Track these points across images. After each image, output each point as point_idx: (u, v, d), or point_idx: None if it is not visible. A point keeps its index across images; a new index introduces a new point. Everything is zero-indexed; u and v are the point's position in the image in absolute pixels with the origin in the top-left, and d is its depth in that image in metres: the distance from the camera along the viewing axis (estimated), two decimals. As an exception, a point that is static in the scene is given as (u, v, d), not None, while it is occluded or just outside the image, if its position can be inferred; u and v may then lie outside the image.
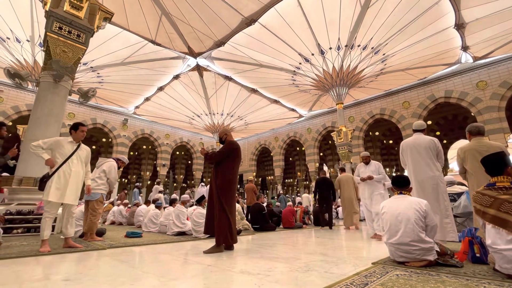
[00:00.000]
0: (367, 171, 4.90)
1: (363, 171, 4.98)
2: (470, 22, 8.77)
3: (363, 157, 5.07)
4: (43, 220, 3.11)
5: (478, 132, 3.21)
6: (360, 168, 5.06)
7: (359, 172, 5.05)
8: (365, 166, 5.01)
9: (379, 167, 4.87)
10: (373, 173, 4.80)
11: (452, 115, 14.79)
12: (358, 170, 5.07)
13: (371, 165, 4.96)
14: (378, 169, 4.86)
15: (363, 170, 4.99)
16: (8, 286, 1.67)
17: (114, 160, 4.61)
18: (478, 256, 2.33)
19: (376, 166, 4.89)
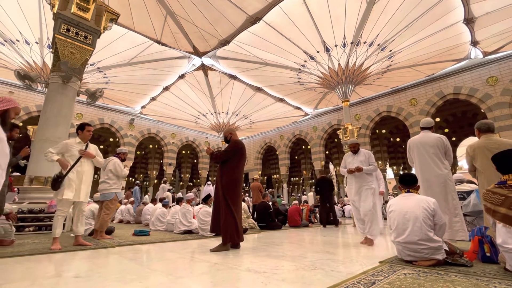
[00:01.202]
0: (355, 161, 4.01)
1: (350, 161, 4.09)
2: (480, 17, 8.56)
3: (351, 145, 4.14)
4: (55, 218, 3.20)
5: (487, 129, 3.14)
6: (347, 158, 4.17)
7: (345, 162, 4.17)
8: (352, 156, 4.11)
9: (369, 156, 4.01)
10: (362, 164, 3.91)
11: (461, 112, 14.50)
12: (345, 160, 4.17)
13: (360, 154, 4.06)
14: (368, 158, 3.98)
15: (350, 160, 4.10)
16: (22, 282, 1.72)
17: (115, 157, 4.66)
18: (488, 256, 2.29)
19: (366, 155, 4.02)
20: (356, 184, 3.91)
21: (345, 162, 4.17)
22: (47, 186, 5.33)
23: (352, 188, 3.96)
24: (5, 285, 1.66)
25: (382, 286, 1.61)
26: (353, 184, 3.94)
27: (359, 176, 3.90)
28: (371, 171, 3.88)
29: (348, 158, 4.17)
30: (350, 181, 4.02)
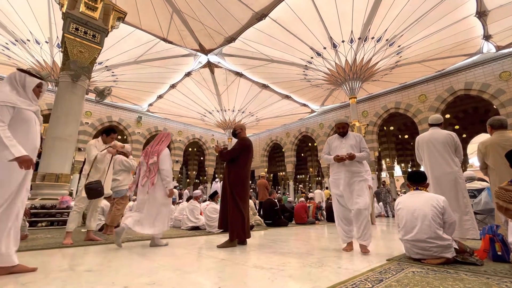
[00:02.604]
0: (343, 146, 3.14)
1: (337, 146, 3.21)
2: (493, 10, 8.29)
3: (339, 125, 3.25)
4: (71, 213, 3.30)
5: (500, 125, 3.06)
6: (333, 141, 3.29)
7: (330, 147, 3.29)
8: (339, 139, 3.24)
9: (360, 140, 3.18)
10: (352, 149, 3.07)
11: (472, 108, 14.15)
12: (329, 144, 3.31)
13: (349, 137, 3.19)
14: (359, 143, 3.14)
15: (337, 144, 3.22)
16: (36, 275, 1.78)
17: (119, 154, 4.73)
18: (499, 254, 2.25)
19: (356, 138, 3.18)
20: (346, 175, 3.00)
21: (330, 147, 3.28)
22: (59, 182, 5.47)
23: (340, 179, 3.04)
24: (21, 277, 1.72)
25: (390, 284, 1.60)
26: (342, 174, 3.03)
27: (349, 165, 3.02)
28: (364, 158, 3.04)
29: (334, 141, 3.27)
30: (337, 171, 3.10)
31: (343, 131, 3.24)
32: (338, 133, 3.27)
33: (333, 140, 3.30)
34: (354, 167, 3.02)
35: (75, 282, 1.65)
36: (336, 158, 3.03)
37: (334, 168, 3.16)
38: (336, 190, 3.10)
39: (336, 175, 3.11)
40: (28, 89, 1.99)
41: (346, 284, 1.59)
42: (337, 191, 3.08)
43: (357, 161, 3.06)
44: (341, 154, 3.04)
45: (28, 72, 2.03)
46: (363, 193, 2.90)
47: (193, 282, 1.67)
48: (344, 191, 2.98)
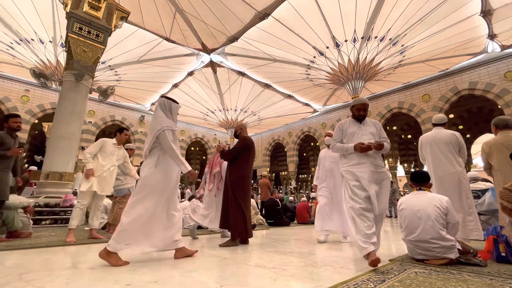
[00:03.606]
0: (363, 132, 2.54)
1: (354, 132, 2.57)
2: (498, 9, 8.21)
3: (359, 106, 2.60)
4: (74, 209, 3.34)
5: (505, 125, 3.03)
6: (348, 127, 2.63)
7: (344, 134, 2.63)
8: (357, 124, 2.61)
9: (380, 128, 2.64)
10: (374, 138, 2.52)
11: (476, 108, 14.02)
12: (343, 131, 2.65)
13: (367, 124, 2.61)
14: (379, 131, 2.61)
15: (354, 130, 2.58)
16: (41, 272, 1.80)
17: None
18: (503, 255, 2.23)
19: (376, 126, 2.62)
20: (371, 169, 2.38)
21: (344, 133, 2.62)
22: (62, 181, 5.52)
23: (363, 173, 2.37)
24: (25, 274, 1.73)
25: (392, 284, 1.60)
26: (365, 167, 2.39)
27: (375, 157, 2.43)
28: (388, 150, 2.52)
29: (349, 127, 2.61)
30: (358, 163, 2.43)
31: (363, 115, 2.60)
32: (356, 117, 2.63)
33: (348, 126, 2.63)
34: (379, 161, 2.48)
35: (79, 280, 1.66)
36: (360, 146, 2.38)
37: (353, 159, 2.46)
38: (353, 180, 2.40)
39: (357, 167, 2.42)
40: (174, 113, 2.64)
41: (348, 284, 1.59)
42: (355, 181, 2.39)
43: (380, 154, 2.53)
44: (364, 142, 2.42)
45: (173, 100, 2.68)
46: (388, 191, 2.48)
47: (195, 281, 1.68)
48: (369, 188, 2.32)
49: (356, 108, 2.62)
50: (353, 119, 2.68)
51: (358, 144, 2.41)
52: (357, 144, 2.42)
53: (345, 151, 2.52)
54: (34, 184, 6.10)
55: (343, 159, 2.59)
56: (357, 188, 2.35)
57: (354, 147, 2.44)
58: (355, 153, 2.46)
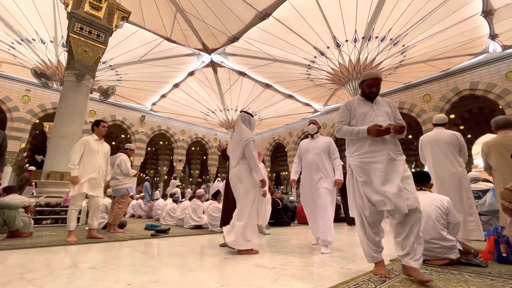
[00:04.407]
0: (377, 113, 2.07)
1: (366, 112, 2.09)
2: (499, 8, 8.19)
3: (372, 81, 2.11)
4: (69, 212, 3.33)
5: (503, 125, 3.02)
6: (358, 107, 2.13)
7: (353, 115, 2.13)
8: (368, 104, 2.13)
9: (394, 108, 2.19)
10: (390, 120, 2.06)
11: (477, 108, 13.99)
12: (351, 111, 2.15)
13: (380, 103, 2.15)
14: (394, 112, 2.16)
15: (366, 111, 2.10)
16: (41, 271, 1.80)
17: (122, 153, 4.75)
18: (504, 256, 2.23)
19: (390, 106, 2.18)
20: (388, 157, 1.90)
21: (352, 114, 2.13)
22: (63, 180, 5.53)
23: (376, 164, 1.90)
24: (27, 273, 1.74)
25: (393, 284, 1.60)
26: (381, 156, 1.91)
27: (392, 143, 1.97)
28: (404, 134, 2.00)
29: (359, 107, 2.12)
30: (372, 150, 1.95)
31: (375, 92, 2.10)
32: (367, 95, 2.12)
33: (357, 105, 2.12)
34: (398, 147, 1.99)
35: (79, 279, 1.67)
36: (377, 129, 1.88)
37: (364, 146, 1.98)
38: (363, 176, 1.93)
39: (369, 157, 1.93)
40: (252, 125, 3.06)
41: (349, 284, 1.59)
42: (365, 178, 1.91)
43: (398, 139, 2.03)
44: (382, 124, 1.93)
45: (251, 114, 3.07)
46: (413, 186, 1.88)
47: (196, 281, 1.68)
48: (386, 182, 1.83)
49: (367, 84, 2.11)
50: (362, 97, 2.17)
51: (374, 126, 1.90)
52: (373, 126, 1.91)
53: (355, 135, 2.00)
54: (35, 184, 6.11)
55: (351, 147, 2.09)
56: (367, 187, 1.89)
57: (368, 130, 1.92)
58: (368, 138, 1.97)
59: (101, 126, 3.78)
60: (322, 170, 3.14)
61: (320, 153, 3.21)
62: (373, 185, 1.86)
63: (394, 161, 1.91)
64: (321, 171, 3.13)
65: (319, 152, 3.22)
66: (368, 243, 1.89)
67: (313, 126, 3.41)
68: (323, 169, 3.14)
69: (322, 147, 3.24)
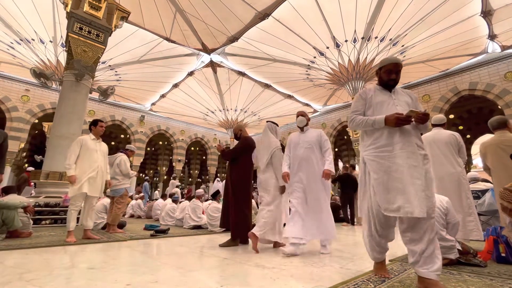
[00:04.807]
0: (395, 102, 1.85)
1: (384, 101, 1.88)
2: (498, 9, 8.21)
3: (391, 66, 1.86)
4: (69, 212, 3.32)
5: (498, 125, 3.03)
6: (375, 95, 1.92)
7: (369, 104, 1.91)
8: (385, 93, 1.91)
9: (416, 100, 1.95)
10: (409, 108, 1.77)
11: (477, 109, 14.02)
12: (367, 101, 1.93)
13: (399, 92, 1.93)
14: (415, 103, 1.91)
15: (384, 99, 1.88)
16: (41, 272, 1.80)
17: (122, 153, 4.74)
18: (503, 256, 2.23)
19: (411, 96, 1.94)
20: (407, 150, 1.67)
21: (368, 103, 1.91)
22: (62, 181, 5.52)
23: (393, 158, 1.68)
24: (26, 274, 1.73)
25: (392, 284, 1.60)
26: (398, 150, 1.68)
27: (413, 135, 1.73)
28: (428, 127, 1.84)
29: (375, 95, 1.90)
30: (388, 143, 1.72)
31: (395, 80, 1.86)
32: (385, 83, 1.88)
33: (374, 94, 1.91)
34: (419, 140, 1.74)
35: (78, 279, 1.66)
36: (397, 116, 1.66)
37: (381, 138, 1.76)
38: (378, 172, 1.70)
39: (387, 150, 1.71)
40: (278, 134, 3.55)
41: (348, 284, 1.59)
42: (381, 175, 1.68)
43: (420, 131, 1.80)
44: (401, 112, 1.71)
45: (276, 124, 3.58)
46: (433, 186, 1.66)
47: (196, 281, 1.68)
48: (404, 180, 1.59)
49: (386, 71, 1.86)
50: (380, 86, 1.94)
51: (394, 115, 1.67)
52: (392, 114, 1.68)
53: (370, 125, 1.78)
54: (34, 184, 6.09)
55: (366, 139, 1.86)
56: (381, 186, 1.66)
57: (386, 118, 1.70)
58: (385, 129, 1.73)
59: (98, 126, 3.78)
60: (314, 166, 2.91)
61: (312, 147, 2.97)
62: (389, 184, 1.61)
63: (415, 156, 1.65)
64: (314, 166, 2.91)
65: (310, 146, 2.98)
66: (373, 245, 1.79)
67: (302, 118, 3.17)
68: (316, 165, 2.91)
69: (313, 141, 3.00)
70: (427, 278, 1.47)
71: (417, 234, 1.56)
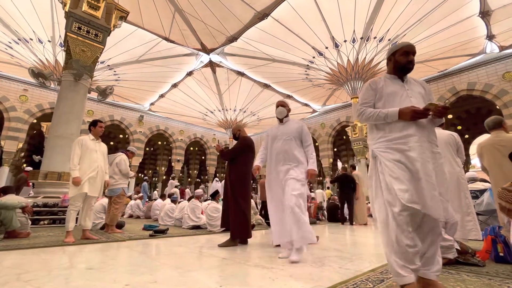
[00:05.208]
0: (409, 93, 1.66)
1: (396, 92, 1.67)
2: (496, 10, 8.25)
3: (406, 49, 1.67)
4: (68, 212, 3.31)
5: (494, 125, 3.04)
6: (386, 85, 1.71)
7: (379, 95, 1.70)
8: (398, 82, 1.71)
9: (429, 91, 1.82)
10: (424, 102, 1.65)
11: (475, 109, 14.07)
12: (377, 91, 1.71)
13: (411, 83, 1.76)
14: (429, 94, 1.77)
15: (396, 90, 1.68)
16: (39, 272, 1.79)
17: (123, 153, 4.73)
18: (501, 256, 2.24)
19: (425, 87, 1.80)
20: (425, 146, 1.51)
21: (378, 95, 1.70)
22: (61, 181, 5.50)
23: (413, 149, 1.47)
24: (24, 274, 1.73)
25: (391, 284, 1.60)
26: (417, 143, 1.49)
27: (429, 130, 1.58)
28: (442, 121, 1.68)
29: (386, 85, 1.71)
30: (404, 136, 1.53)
31: (412, 63, 1.68)
32: (403, 66, 1.69)
33: (385, 83, 1.72)
34: (434, 136, 1.60)
35: (77, 279, 1.66)
36: (413, 109, 1.49)
37: (394, 131, 1.56)
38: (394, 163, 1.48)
39: (402, 143, 1.51)
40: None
41: (347, 284, 1.59)
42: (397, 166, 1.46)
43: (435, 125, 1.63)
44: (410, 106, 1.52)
45: None
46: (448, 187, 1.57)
47: (195, 281, 1.67)
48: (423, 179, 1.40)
49: (403, 53, 1.67)
50: (391, 75, 1.75)
51: (409, 108, 1.51)
52: (407, 107, 1.52)
53: (382, 119, 1.60)
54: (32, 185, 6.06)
55: (375, 132, 1.68)
56: (397, 179, 1.43)
57: (401, 112, 1.53)
58: (398, 122, 1.56)
59: (98, 126, 3.77)
60: (292, 160, 2.65)
61: (291, 140, 2.73)
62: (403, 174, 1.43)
63: (432, 152, 1.51)
64: (291, 160, 2.65)
65: (289, 138, 2.73)
66: (395, 254, 1.37)
67: (282, 109, 2.91)
68: (293, 159, 2.65)
69: (293, 133, 2.75)
70: (426, 278, 1.42)
71: (421, 233, 1.45)
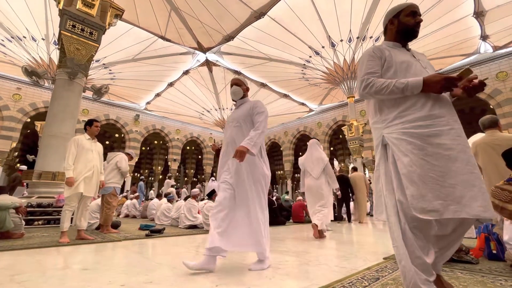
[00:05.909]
0: (419, 63, 1.39)
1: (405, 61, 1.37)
2: (490, 10, 8.34)
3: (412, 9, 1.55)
4: (63, 212, 3.27)
5: (489, 124, 3.07)
6: (393, 54, 1.39)
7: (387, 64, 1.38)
8: (403, 52, 1.46)
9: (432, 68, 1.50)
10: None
11: (469, 108, 14.25)
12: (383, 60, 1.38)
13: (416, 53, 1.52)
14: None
15: (405, 59, 1.39)
16: (33, 273, 1.77)
17: (122, 153, 4.75)
18: (494, 253, 2.27)
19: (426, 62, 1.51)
20: (453, 126, 1.23)
21: (385, 64, 1.39)
22: (55, 181, 5.44)
23: (442, 134, 1.17)
24: (17, 275, 1.71)
25: (386, 282, 1.61)
26: (448, 126, 1.20)
27: (451, 106, 1.33)
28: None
29: (394, 54, 1.41)
30: (430, 113, 1.20)
31: (418, 28, 1.49)
32: (411, 28, 1.48)
33: (390, 51, 1.41)
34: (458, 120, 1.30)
35: (72, 280, 1.64)
36: (444, 77, 1.18)
37: (416, 109, 1.24)
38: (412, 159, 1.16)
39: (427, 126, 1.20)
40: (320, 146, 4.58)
41: (343, 282, 1.60)
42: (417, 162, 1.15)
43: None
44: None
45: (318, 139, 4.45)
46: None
47: (191, 281, 1.67)
48: (453, 169, 1.12)
49: (410, 13, 1.46)
50: (394, 42, 1.47)
51: (438, 75, 1.18)
52: (435, 75, 1.20)
53: (401, 90, 1.24)
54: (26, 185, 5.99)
55: (386, 112, 1.33)
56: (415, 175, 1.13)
57: (427, 80, 1.19)
58: (420, 98, 1.23)
59: (93, 126, 3.73)
60: None
61: (240, 126, 2.18)
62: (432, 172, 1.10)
63: (463, 139, 1.21)
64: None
65: (238, 124, 2.19)
66: (411, 264, 1.11)
67: (236, 88, 2.34)
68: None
69: (241, 117, 2.20)
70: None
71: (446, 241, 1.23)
